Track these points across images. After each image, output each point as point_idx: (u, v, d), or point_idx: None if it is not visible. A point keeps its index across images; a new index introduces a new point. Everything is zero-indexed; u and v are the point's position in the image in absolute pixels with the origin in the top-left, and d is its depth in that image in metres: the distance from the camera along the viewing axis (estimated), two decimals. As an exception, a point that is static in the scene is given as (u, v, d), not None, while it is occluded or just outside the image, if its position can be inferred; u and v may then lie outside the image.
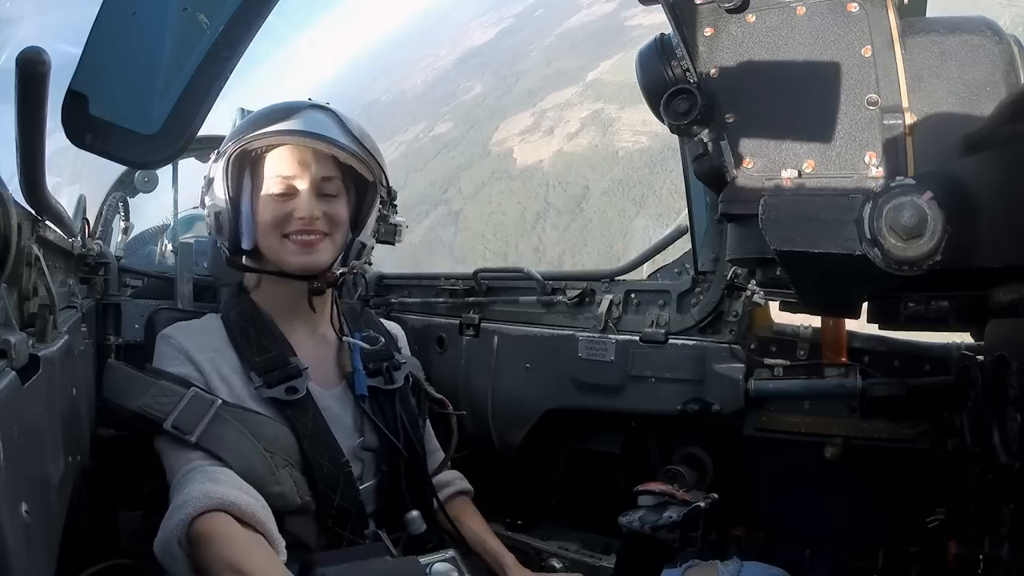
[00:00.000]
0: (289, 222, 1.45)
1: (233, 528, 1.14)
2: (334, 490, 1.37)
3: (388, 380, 1.55)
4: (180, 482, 1.23)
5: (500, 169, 57.85)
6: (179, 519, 1.13)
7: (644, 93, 1.13)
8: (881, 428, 1.51)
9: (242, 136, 1.45)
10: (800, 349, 1.62)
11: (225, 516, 1.14)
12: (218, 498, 1.15)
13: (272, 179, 1.45)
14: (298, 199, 1.45)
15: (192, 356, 1.43)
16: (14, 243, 0.88)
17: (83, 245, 1.75)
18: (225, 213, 1.45)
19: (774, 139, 0.98)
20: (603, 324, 1.85)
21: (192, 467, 1.25)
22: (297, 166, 1.45)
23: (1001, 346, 1.01)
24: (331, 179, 1.49)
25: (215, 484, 1.19)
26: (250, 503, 1.18)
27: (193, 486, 1.18)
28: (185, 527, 1.12)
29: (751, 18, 0.99)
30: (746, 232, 1.04)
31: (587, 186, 41.31)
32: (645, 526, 0.99)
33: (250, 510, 1.17)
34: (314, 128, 1.44)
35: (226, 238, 1.47)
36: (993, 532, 1.01)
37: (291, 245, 1.45)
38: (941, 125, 0.92)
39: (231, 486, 1.20)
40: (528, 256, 53.21)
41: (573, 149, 52.44)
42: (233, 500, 1.16)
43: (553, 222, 54.07)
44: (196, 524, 1.13)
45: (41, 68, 0.86)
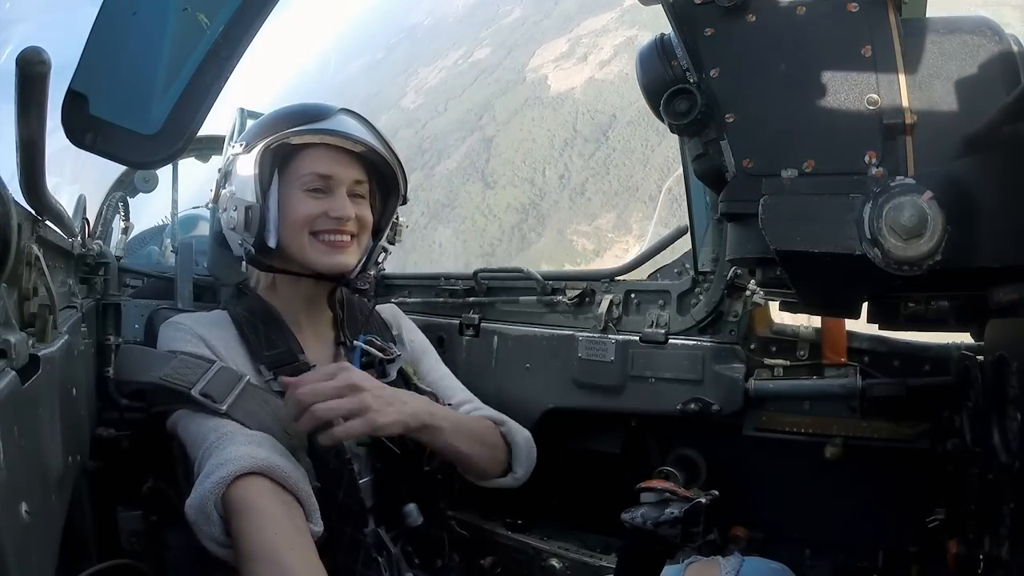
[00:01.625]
0: (321, 220, 1.44)
1: (271, 498, 1.11)
2: (338, 486, 1.37)
3: (380, 374, 1.55)
4: (217, 443, 1.19)
5: (533, 96, 58.33)
6: (219, 478, 1.09)
7: (644, 93, 1.13)
8: (881, 428, 1.51)
9: (279, 131, 1.43)
10: (800, 349, 1.62)
11: (264, 481, 1.12)
12: (260, 460, 1.12)
13: (307, 176, 1.44)
14: (333, 198, 1.44)
15: (206, 340, 1.43)
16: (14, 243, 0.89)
17: (83, 245, 1.75)
18: (256, 208, 1.42)
19: (774, 139, 0.98)
20: (603, 324, 1.85)
21: (229, 430, 1.22)
22: (334, 165, 1.45)
23: (1001, 346, 1.01)
24: (362, 182, 1.50)
25: (256, 447, 1.17)
26: (291, 470, 1.16)
27: (235, 447, 1.16)
28: (224, 486, 1.09)
29: (751, 18, 0.99)
30: (746, 232, 1.04)
31: (614, 115, 41.50)
32: (647, 522, 0.99)
33: (292, 478, 1.15)
34: (352, 131, 1.45)
35: (253, 234, 1.43)
36: (993, 532, 1.01)
37: (320, 245, 1.44)
38: (941, 125, 0.92)
39: (271, 450, 1.18)
40: (553, 182, 53.32)
41: (604, 76, 52.61)
42: (275, 464, 1.13)
43: (579, 150, 54.31)
44: (235, 487, 1.10)
45: (41, 68, 0.86)
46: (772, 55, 0.98)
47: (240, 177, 1.46)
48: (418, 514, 1.49)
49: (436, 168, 65.80)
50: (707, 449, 1.77)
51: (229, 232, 1.49)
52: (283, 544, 1.07)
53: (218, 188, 1.54)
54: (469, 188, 60.23)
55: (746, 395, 1.62)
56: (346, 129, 1.45)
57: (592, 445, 1.92)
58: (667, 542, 1.00)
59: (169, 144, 1.29)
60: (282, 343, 1.46)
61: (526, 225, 54.84)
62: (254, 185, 1.42)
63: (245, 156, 1.46)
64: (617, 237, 51.34)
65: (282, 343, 1.46)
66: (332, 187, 1.46)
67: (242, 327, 1.47)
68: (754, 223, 0.96)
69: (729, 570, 1.25)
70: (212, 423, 1.25)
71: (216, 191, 1.55)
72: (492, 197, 58.30)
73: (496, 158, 56.45)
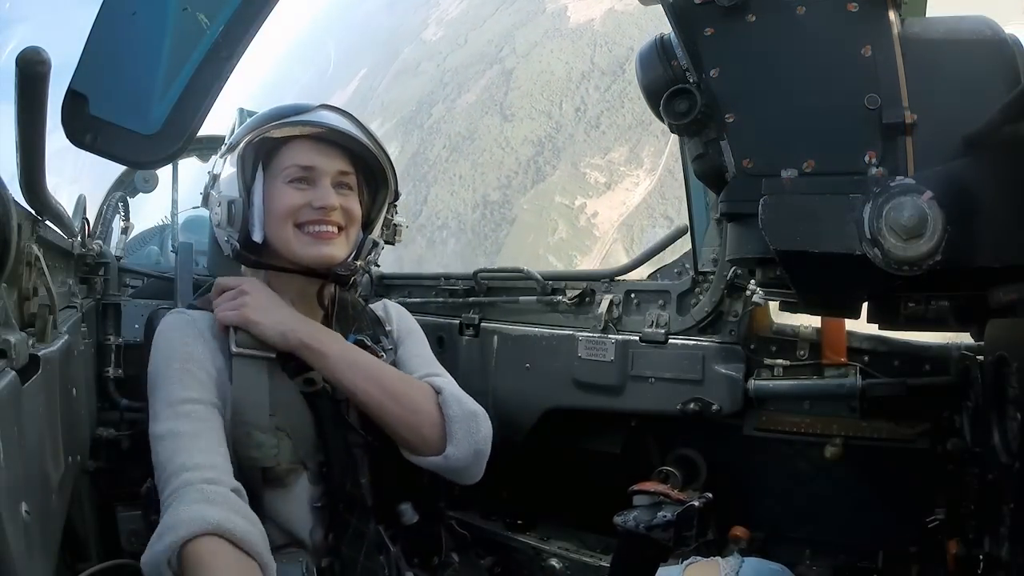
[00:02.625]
0: (304, 212, 1.43)
1: (225, 556, 1.09)
2: (346, 477, 1.37)
3: None
4: (171, 497, 1.17)
5: (553, 28, 58.54)
6: (170, 541, 1.08)
7: (644, 93, 1.13)
8: (881, 428, 1.51)
9: (260, 127, 1.44)
10: (800, 349, 1.62)
11: (218, 541, 1.09)
12: (211, 523, 1.10)
13: (290, 168, 1.43)
14: (316, 188, 1.43)
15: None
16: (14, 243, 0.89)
17: (83, 245, 1.75)
18: (238, 203, 1.42)
19: (774, 139, 0.98)
20: (603, 324, 1.85)
21: (187, 479, 1.20)
22: (316, 156, 1.44)
23: (1001, 346, 1.01)
24: (347, 173, 1.49)
25: (208, 505, 1.14)
26: (246, 529, 1.14)
27: (187, 507, 1.13)
28: (175, 551, 1.08)
29: (751, 18, 0.99)
30: (746, 232, 1.04)
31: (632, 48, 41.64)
32: (640, 525, 0.99)
33: (247, 537, 1.12)
34: (334, 123, 1.45)
35: (237, 229, 1.43)
36: (993, 532, 1.01)
37: (305, 237, 1.43)
38: (941, 125, 0.92)
39: (226, 508, 1.15)
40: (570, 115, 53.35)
41: (624, 8, 52.81)
42: (226, 526, 1.11)
43: (596, 83, 54.66)
44: (188, 548, 1.08)
45: (41, 68, 0.86)
46: (772, 55, 0.98)
47: (225, 175, 1.47)
48: (413, 513, 1.49)
49: (457, 101, 65.92)
50: (707, 449, 1.77)
51: (217, 230, 1.49)
52: None
53: (207, 189, 1.54)
54: (488, 121, 60.18)
55: (746, 395, 1.62)
56: (331, 122, 1.44)
57: (592, 445, 1.92)
58: (660, 545, 0.99)
59: (169, 144, 1.29)
60: None
61: (541, 158, 54.76)
62: (237, 180, 1.42)
63: (229, 155, 1.47)
64: (628, 171, 51.00)
65: None
66: (315, 178, 1.44)
67: None
68: (754, 223, 0.96)
69: (729, 571, 1.25)
70: (179, 461, 1.22)
71: (205, 192, 1.55)
72: (510, 130, 58.58)
73: (515, 91, 56.74)
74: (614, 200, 50.20)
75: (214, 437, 1.29)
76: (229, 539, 1.11)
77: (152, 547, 1.10)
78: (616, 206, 51.11)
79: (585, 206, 48.94)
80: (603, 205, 47.37)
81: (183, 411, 1.29)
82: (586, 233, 49.07)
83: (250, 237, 1.44)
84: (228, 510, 1.15)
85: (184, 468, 1.21)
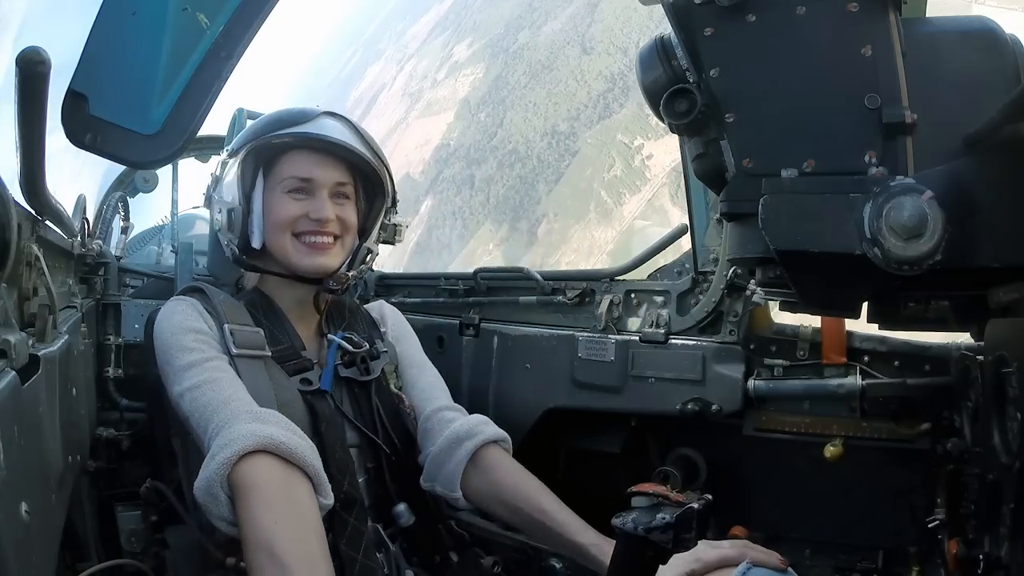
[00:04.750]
0: (302, 222, 1.46)
1: (276, 478, 1.12)
2: (343, 476, 1.37)
3: (364, 371, 1.54)
4: (223, 422, 1.19)
5: None
6: (224, 458, 1.10)
7: (644, 93, 1.13)
8: (881, 428, 1.51)
9: (262, 135, 1.46)
10: (800, 349, 1.62)
11: (270, 459, 1.12)
12: (264, 438, 1.13)
13: (288, 179, 1.47)
14: (314, 200, 1.46)
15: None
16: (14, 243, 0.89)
17: (83, 245, 1.75)
18: (238, 210, 1.45)
19: (774, 138, 0.98)
20: (603, 324, 1.85)
21: (235, 408, 1.22)
22: (314, 168, 1.47)
23: (1001, 346, 1.01)
24: (345, 184, 1.51)
25: (261, 423, 1.17)
26: (298, 444, 1.16)
27: (239, 424, 1.16)
28: (230, 466, 1.10)
29: (751, 18, 0.99)
30: (746, 232, 1.04)
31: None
32: (638, 527, 0.98)
33: (299, 451, 1.15)
34: (332, 134, 1.47)
35: (236, 235, 1.47)
36: (993, 532, 1.01)
37: (302, 247, 1.46)
38: (941, 125, 0.92)
39: (277, 425, 1.18)
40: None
41: None
42: (280, 440, 1.14)
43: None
44: (240, 467, 1.10)
45: (41, 68, 0.86)
46: (772, 55, 0.98)
47: (226, 181, 1.50)
48: (409, 514, 1.50)
49: (542, 28, 66.94)
50: (707, 449, 1.77)
51: (218, 234, 1.53)
52: (283, 534, 1.07)
53: (209, 191, 1.56)
54: (568, 52, 60.92)
55: (746, 395, 1.62)
56: (326, 132, 1.46)
57: (592, 445, 1.92)
58: (659, 547, 0.99)
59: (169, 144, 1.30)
60: (285, 339, 1.48)
61: (611, 95, 55.18)
62: (236, 188, 1.45)
63: (231, 161, 1.49)
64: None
65: (285, 339, 1.48)
66: (313, 189, 1.47)
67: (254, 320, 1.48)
68: (754, 223, 0.96)
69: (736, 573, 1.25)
70: (222, 397, 1.25)
71: (208, 194, 1.57)
72: (587, 63, 59.46)
73: (598, 24, 57.90)
74: (670, 145, 49.32)
75: (242, 386, 1.30)
76: (282, 454, 1.13)
77: (207, 467, 1.13)
78: (671, 151, 51.57)
79: (643, 147, 49.21)
80: (659, 148, 47.69)
81: (208, 366, 1.33)
82: (638, 174, 49.48)
83: (249, 243, 1.46)
84: (279, 426, 1.19)
85: (227, 402, 1.25)
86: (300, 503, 1.13)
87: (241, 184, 1.45)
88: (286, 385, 1.39)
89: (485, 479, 1.47)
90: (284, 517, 1.09)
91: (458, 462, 1.48)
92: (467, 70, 75.26)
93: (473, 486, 1.48)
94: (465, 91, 72.52)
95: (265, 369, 1.38)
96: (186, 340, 1.35)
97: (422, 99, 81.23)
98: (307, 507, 1.14)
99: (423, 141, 74.38)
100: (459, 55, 77.96)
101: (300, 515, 1.12)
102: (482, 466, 1.48)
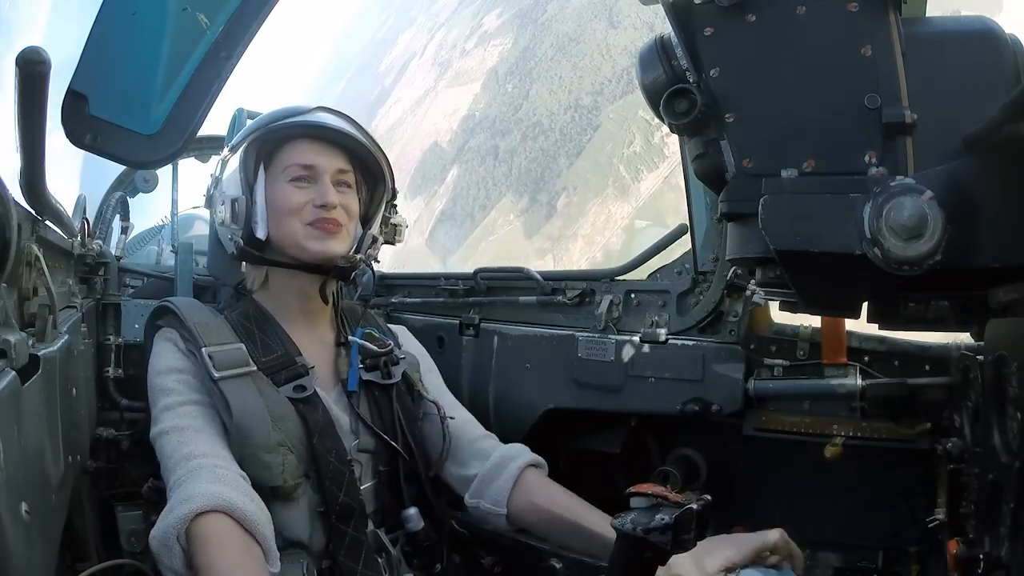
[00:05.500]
0: (307, 210, 1.47)
1: (232, 534, 1.13)
2: (339, 487, 1.37)
3: (385, 375, 1.55)
4: (184, 476, 1.21)
5: None
6: (181, 514, 1.12)
7: (644, 93, 1.13)
8: (881, 428, 1.51)
9: (260, 127, 1.47)
10: (800, 349, 1.62)
11: (227, 519, 1.14)
12: (223, 500, 1.14)
13: (291, 167, 1.48)
14: (318, 187, 1.48)
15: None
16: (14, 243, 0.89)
17: (83, 245, 1.75)
18: (242, 200, 1.45)
19: (774, 138, 0.98)
20: (603, 324, 1.85)
21: (199, 463, 1.23)
22: (316, 155, 1.49)
23: (1001, 346, 1.01)
24: (345, 171, 1.53)
25: (221, 485, 1.18)
26: (253, 511, 1.18)
27: (199, 484, 1.18)
28: (187, 522, 1.12)
29: (751, 18, 0.99)
30: (746, 232, 1.04)
31: None
32: (637, 528, 0.98)
33: (252, 518, 1.16)
34: (330, 123, 1.49)
35: (241, 226, 1.46)
36: (993, 532, 1.01)
37: (312, 230, 1.47)
38: (941, 125, 0.92)
39: (237, 490, 1.19)
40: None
41: None
42: (237, 505, 1.15)
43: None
44: (197, 523, 1.12)
45: (41, 68, 0.86)
46: (772, 55, 0.98)
47: (227, 175, 1.50)
48: (419, 518, 1.50)
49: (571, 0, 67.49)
50: (707, 449, 1.77)
51: (220, 229, 1.52)
52: (237, 570, 1.09)
53: (210, 191, 1.57)
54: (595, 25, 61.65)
55: (746, 395, 1.62)
56: (325, 122, 1.49)
57: (592, 445, 1.92)
58: (657, 548, 0.99)
59: (169, 144, 1.30)
60: (278, 347, 1.46)
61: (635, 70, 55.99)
62: (239, 178, 1.46)
63: (231, 157, 1.50)
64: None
65: (278, 347, 1.46)
66: (316, 176, 1.48)
67: (237, 332, 1.47)
68: (754, 223, 0.96)
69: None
70: (186, 450, 1.26)
71: (209, 194, 1.57)
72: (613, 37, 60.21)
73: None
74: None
75: (216, 434, 1.31)
76: (238, 519, 1.15)
77: (164, 519, 1.14)
78: (690, 127, 53.11)
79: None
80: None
81: (183, 411, 1.32)
82: (657, 151, 49.85)
83: (254, 234, 1.46)
84: (238, 491, 1.20)
85: (193, 455, 1.25)
86: (256, 558, 1.15)
87: (243, 175, 1.45)
88: (277, 399, 1.38)
89: (527, 494, 1.54)
90: (241, 564, 1.11)
91: (507, 478, 1.55)
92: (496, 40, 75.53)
93: (515, 501, 1.54)
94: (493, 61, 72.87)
95: (254, 384, 1.37)
96: (167, 381, 1.36)
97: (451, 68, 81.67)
98: (262, 565, 1.16)
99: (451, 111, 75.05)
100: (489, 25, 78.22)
101: (257, 566, 1.14)
102: (524, 484, 1.55)
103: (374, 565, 1.38)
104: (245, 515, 1.15)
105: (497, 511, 1.54)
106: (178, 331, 1.43)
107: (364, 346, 1.55)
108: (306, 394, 1.41)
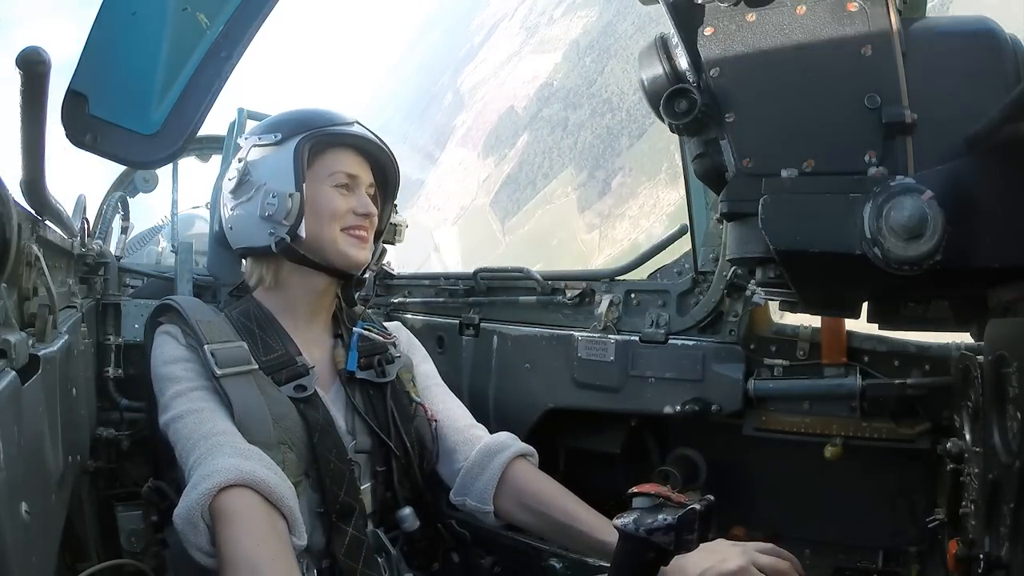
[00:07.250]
0: (348, 216, 1.52)
1: (256, 508, 1.13)
2: (339, 486, 1.37)
3: (380, 374, 1.55)
4: (206, 454, 1.20)
5: None
6: (205, 489, 1.11)
7: (644, 93, 1.13)
8: (881, 428, 1.51)
9: (314, 127, 1.50)
10: (800, 349, 1.62)
11: (250, 493, 1.13)
12: (247, 473, 1.14)
13: (337, 173, 1.53)
14: (358, 196, 1.55)
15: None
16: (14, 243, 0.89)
17: (83, 245, 1.75)
18: (297, 197, 1.44)
19: (774, 138, 0.98)
20: (603, 324, 1.85)
21: (219, 441, 1.23)
22: (358, 166, 1.56)
23: (1001, 346, 1.01)
24: (373, 185, 1.61)
25: (244, 459, 1.18)
26: (277, 483, 1.17)
27: (222, 458, 1.17)
28: (211, 498, 1.11)
29: (751, 17, 0.99)
30: (746, 232, 1.04)
31: None
32: (640, 528, 0.98)
33: (277, 491, 1.16)
34: (373, 139, 1.58)
35: (292, 222, 1.44)
36: (993, 532, 1.01)
37: (350, 239, 1.52)
38: (941, 125, 0.92)
39: (260, 463, 1.19)
40: None
41: None
42: (261, 478, 1.15)
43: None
44: (220, 498, 1.11)
45: (41, 68, 0.86)
46: (772, 55, 0.98)
47: (274, 167, 1.47)
48: (414, 518, 1.50)
49: None
50: (707, 449, 1.77)
51: (257, 221, 1.47)
52: (264, 554, 1.07)
53: (241, 176, 1.50)
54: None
55: (746, 395, 1.62)
56: (368, 136, 1.58)
57: (592, 445, 1.92)
58: (660, 548, 0.98)
59: (169, 144, 1.30)
60: (279, 346, 1.47)
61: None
62: (293, 175, 1.45)
63: (278, 148, 1.48)
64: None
65: (279, 346, 1.47)
66: (355, 186, 1.55)
67: (238, 331, 1.47)
68: (754, 223, 0.96)
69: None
70: (204, 429, 1.25)
71: (240, 178, 1.50)
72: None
73: None
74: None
75: (228, 416, 1.31)
76: (262, 492, 1.14)
77: (187, 496, 1.13)
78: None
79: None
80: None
81: (196, 396, 1.33)
82: None
83: (297, 232, 1.45)
84: (261, 464, 1.20)
85: (213, 432, 1.25)
86: (281, 533, 1.14)
87: (296, 172, 1.45)
88: (279, 398, 1.38)
89: (514, 491, 1.50)
90: (266, 541, 1.10)
91: (491, 475, 1.51)
92: (583, 11, 75.43)
93: (502, 498, 1.51)
94: (576, 33, 72.80)
95: (255, 383, 1.37)
96: (175, 370, 1.36)
97: (537, 34, 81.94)
98: (286, 540, 1.15)
99: (531, 77, 75.53)
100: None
101: (281, 543, 1.13)
102: (511, 479, 1.51)
103: (374, 565, 1.38)
104: (270, 488, 1.15)
105: (483, 508, 1.51)
106: (180, 328, 1.43)
107: (364, 335, 1.57)
108: (306, 394, 1.41)
